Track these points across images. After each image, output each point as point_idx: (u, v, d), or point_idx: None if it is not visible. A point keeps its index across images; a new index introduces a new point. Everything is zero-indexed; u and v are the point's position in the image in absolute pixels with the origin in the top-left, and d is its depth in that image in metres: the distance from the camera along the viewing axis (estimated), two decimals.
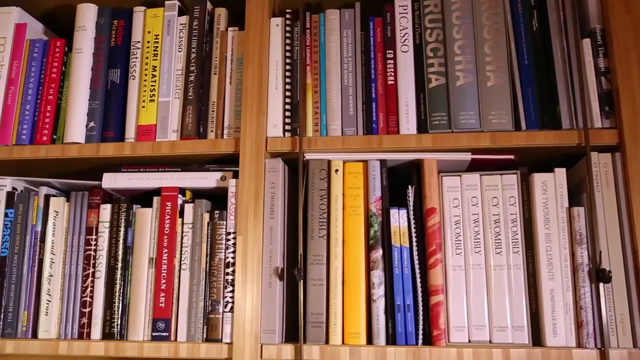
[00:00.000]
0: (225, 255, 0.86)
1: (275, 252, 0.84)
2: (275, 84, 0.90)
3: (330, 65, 0.90)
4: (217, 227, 0.86)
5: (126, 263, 0.89)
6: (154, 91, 0.94)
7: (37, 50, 0.99)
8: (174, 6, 0.97)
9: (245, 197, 0.86)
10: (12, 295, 0.90)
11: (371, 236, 0.83)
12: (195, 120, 0.92)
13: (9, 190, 0.94)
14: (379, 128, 0.87)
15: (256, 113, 0.89)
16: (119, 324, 0.87)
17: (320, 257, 0.84)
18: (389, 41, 0.90)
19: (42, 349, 0.87)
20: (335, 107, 0.89)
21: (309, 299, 0.83)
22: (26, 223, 0.93)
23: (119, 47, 0.97)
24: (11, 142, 0.96)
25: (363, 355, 0.79)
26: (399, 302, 0.81)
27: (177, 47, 0.95)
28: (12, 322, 0.89)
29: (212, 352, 0.83)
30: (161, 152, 0.91)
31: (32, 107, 0.97)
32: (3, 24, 1.00)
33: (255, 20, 0.92)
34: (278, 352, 0.81)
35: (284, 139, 0.88)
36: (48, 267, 0.91)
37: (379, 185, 0.85)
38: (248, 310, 0.82)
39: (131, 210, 0.90)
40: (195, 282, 0.86)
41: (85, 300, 0.89)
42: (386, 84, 0.89)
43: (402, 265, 0.82)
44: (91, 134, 0.94)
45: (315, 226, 0.85)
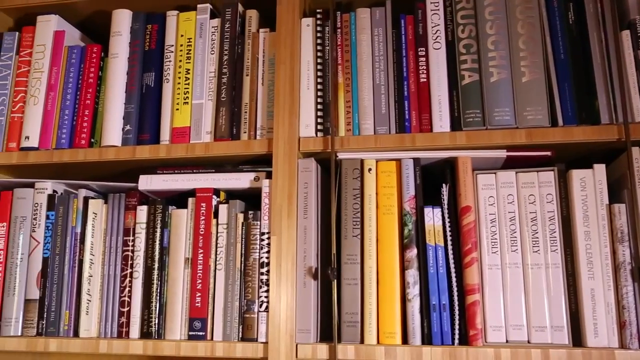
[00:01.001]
0: (260, 255, 0.86)
1: (309, 252, 0.84)
2: (307, 84, 0.91)
3: (362, 64, 0.90)
4: (251, 227, 0.87)
5: (163, 263, 0.90)
6: (187, 94, 0.95)
7: (74, 56, 1.01)
8: (205, 9, 0.98)
9: (279, 197, 0.86)
10: (55, 295, 0.92)
11: (405, 235, 0.83)
12: (229, 121, 0.93)
13: (49, 193, 0.97)
14: (412, 126, 0.87)
15: (288, 113, 0.89)
16: (157, 324, 0.89)
17: (354, 257, 0.83)
18: (421, 38, 0.89)
19: (83, 347, 0.89)
20: (368, 106, 0.88)
21: (344, 299, 0.83)
22: (66, 225, 0.95)
23: (153, 51, 0.99)
24: (51, 146, 0.99)
25: (399, 355, 0.78)
26: (435, 301, 0.80)
27: (210, 49, 0.97)
28: (55, 321, 0.92)
29: (248, 351, 0.83)
30: (195, 154, 0.92)
31: (70, 112, 0.99)
32: (43, 32, 1.03)
33: (286, 21, 0.93)
34: (313, 351, 0.81)
35: (316, 138, 0.89)
36: (88, 268, 0.93)
37: (413, 183, 0.85)
38: (283, 310, 0.83)
39: (167, 211, 0.92)
40: (231, 282, 0.87)
41: (124, 300, 0.91)
42: (418, 81, 0.88)
43: (437, 265, 0.81)
44: (127, 137, 0.96)
45: (348, 226, 0.84)
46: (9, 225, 0.96)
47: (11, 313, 0.93)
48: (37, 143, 0.99)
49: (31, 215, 0.96)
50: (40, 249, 0.95)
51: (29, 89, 1.01)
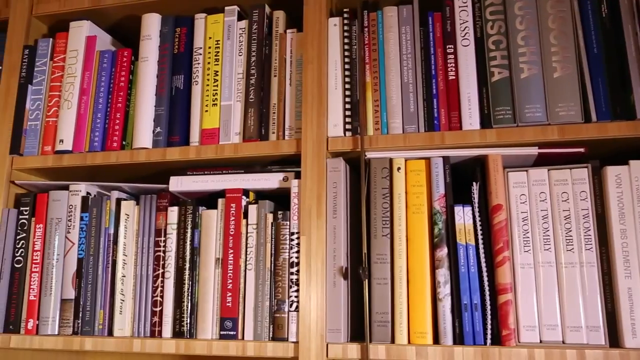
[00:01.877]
0: (290, 255, 0.87)
1: (339, 252, 0.84)
2: (334, 84, 0.91)
3: (390, 63, 0.89)
4: (281, 227, 0.87)
5: (194, 264, 0.91)
6: (216, 95, 0.96)
7: (106, 60, 1.03)
8: (233, 11, 0.99)
9: (308, 197, 0.86)
10: (89, 295, 0.94)
11: (435, 234, 0.82)
12: (257, 122, 0.93)
13: (83, 195, 0.99)
14: (441, 124, 0.86)
15: (316, 113, 0.89)
16: (188, 323, 0.90)
17: (384, 256, 0.83)
18: (449, 36, 0.88)
19: (117, 346, 0.91)
20: (396, 105, 0.88)
21: (374, 298, 0.82)
22: (100, 226, 0.97)
23: (182, 53, 1.00)
24: (85, 149, 1.01)
25: (430, 355, 0.78)
26: (466, 301, 0.79)
27: (238, 51, 0.97)
28: (90, 320, 0.94)
29: (279, 350, 0.84)
30: (224, 155, 0.93)
31: (102, 115, 1.01)
32: (75, 38, 1.05)
33: (313, 21, 0.93)
34: (344, 351, 0.81)
35: (344, 138, 0.89)
36: (121, 268, 0.94)
37: (442, 182, 0.84)
38: (313, 310, 0.83)
39: (197, 212, 0.93)
40: (261, 282, 0.87)
41: (156, 299, 0.92)
42: (447, 79, 0.87)
43: (468, 264, 0.81)
44: (158, 139, 0.98)
45: (378, 225, 0.84)
46: (45, 226, 0.99)
47: (48, 312, 0.95)
48: (71, 146, 1.01)
49: (66, 217, 0.99)
50: (75, 250, 0.97)
51: (63, 94, 1.03)
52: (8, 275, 0.99)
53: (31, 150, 1.03)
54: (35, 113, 1.05)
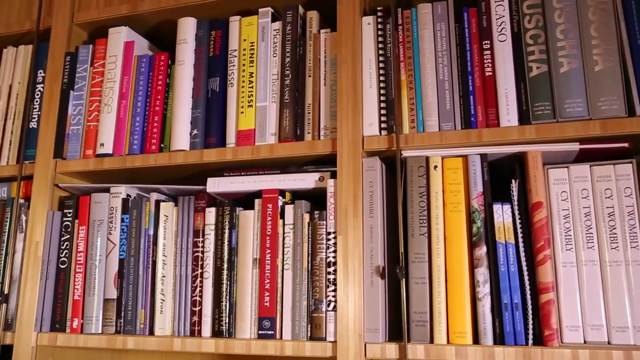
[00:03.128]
0: (327, 255, 0.87)
1: (376, 251, 0.84)
2: (369, 83, 0.90)
3: (425, 60, 0.89)
4: (318, 227, 0.88)
5: (232, 264, 0.92)
6: (251, 97, 0.97)
7: (144, 65, 1.05)
8: (267, 13, 1.00)
9: (344, 196, 0.86)
10: (131, 295, 0.96)
11: (474, 233, 0.81)
12: (292, 122, 0.94)
13: (124, 197, 1.01)
14: (478, 121, 0.85)
15: (352, 113, 0.89)
16: (227, 322, 0.91)
17: (422, 255, 0.82)
18: (485, 31, 0.87)
19: (158, 345, 0.92)
20: (432, 103, 0.87)
21: (412, 298, 0.82)
22: (140, 227, 0.99)
23: (217, 56, 1.01)
24: (124, 152, 1.03)
25: (470, 355, 0.77)
26: (506, 300, 0.78)
27: (272, 52, 0.98)
28: (132, 320, 0.96)
29: (317, 350, 0.84)
30: (260, 156, 0.94)
31: (141, 119, 1.03)
32: (114, 43, 1.07)
33: (346, 20, 0.93)
34: (382, 351, 0.81)
35: (380, 137, 0.88)
36: (161, 268, 0.96)
37: (480, 180, 0.83)
38: (351, 309, 0.83)
39: (234, 212, 0.94)
40: (298, 282, 0.88)
41: (195, 299, 0.93)
42: (484, 75, 0.86)
43: (508, 263, 0.79)
44: (195, 141, 0.99)
45: (415, 224, 0.84)
46: (88, 228, 1.01)
47: (92, 312, 0.97)
48: (111, 149, 1.03)
49: (107, 219, 1.01)
50: (116, 251, 0.99)
51: (103, 98, 1.06)
52: (54, 276, 1.02)
53: (73, 154, 1.06)
54: (77, 118, 1.07)
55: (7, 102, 1.14)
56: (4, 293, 1.03)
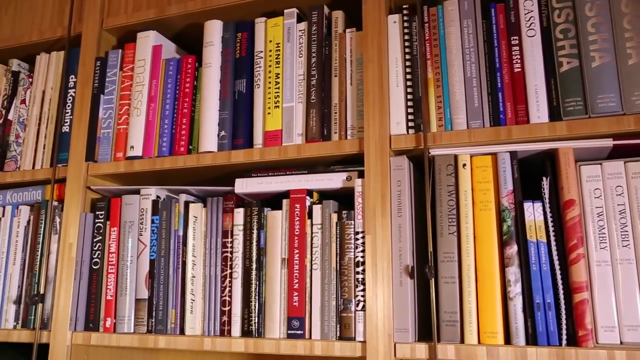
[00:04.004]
0: (355, 255, 0.87)
1: (405, 250, 0.84)
2: (396, 82, 0.90)
3: (452, 58, 0.88)
4: (346, 226, 0.88)
5: (260, 264, 0.93)
6: (278, 97, 0.98)
7: (171, 68, 1.07)
8: (292, 14, 1.00)
9: (372, 196, 0.86)
10: (162, 295, 0.98)
11: (504, 231, 0.80)
12: (319, 122, 0.94)
13: (153, 198, 1.03)
14: (507, 118, 0.84)
15: (378, 112, 0.89)
16: (256, 322, 0.91)
17: (451, 254, 0.82)
18: (513, 27, 0.86)
19: (189, 344, 0.93)
20: (459, 100, 0.86)
21: (442, 297, 0.81)
22: (169, 228, 1.00)
23: (244, 58, 1.02)
24: (154, 154, 1.04)
25: (502, 356, 0.76)
26: (538, 300, 0.77)
27: (298, 53, 0.98)
28: (163, 319, 0.97)
29: (346, 350, 0.84)
30: (288, 156, 0.94)
31: (169, 121, 1.05)
32: (142, 47, 1.09)
33: (372, 19, 0.92)
34: (412, 351, 0.80)
35: (407, 136, 0.88)
36: (190, 269, 0.97)
37: (510, 178, 0.81)
38: (380, 309, 0.83)
39: (262, 213, 0.94)
40: (327, 282, 0.88)
41: (225, 299, 0.94)
42: (512, 72, 0.85)
43: (539, 262, 0.78)
44: (223, 143, 1.00)
45: (444, 223, 0.83)
46: (119, 229, 1.03)
47: (124, 311, 0.99)
48: (141, 152, 1.05)
49: (138, 220, 1.02)
50: (147, 252, 1.01)
51: (132, 102, 1.08)
52: (87, 276, 1.04)
53: (104, 157, 1.08)
54: (108, 121, 1.09)
55: (40, 107, 1.17)
56: (40, 293, 1.06)
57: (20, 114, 1.19)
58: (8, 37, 1.26)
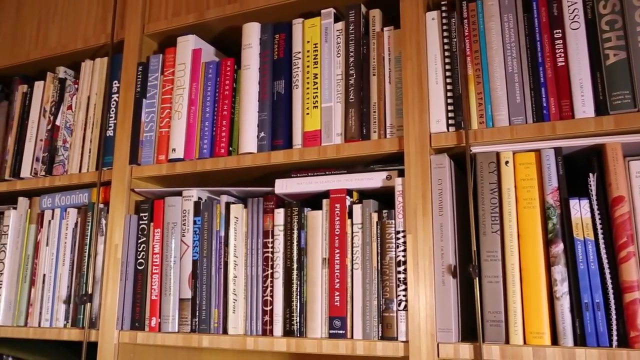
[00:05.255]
0: (396, 254, 0.86)
1: (447, 250, 0.83)
2: (435, 79, 0.89)
3: (492, 53, 0.86)
4: (386, 226, 0.87)
5: (301, 264, 0.93)
6: (316, 98, 0.98)
7: (211, 71, 1.08)
8: (329, 14, 1.00)
9: (413, 195, 0.85)
10: (204, 295, 0.99)
11: (549, 229, 0.78)
12: (358, 122, 0.94)
13: (195, 200, 1.04)
14: (551, 114, 0.82)
15: (418, 110, 0.88)
16: (298, 322, 0.92)
17: (495, 253, 0.80)
18: (556, 20, 0.84)
19: (232, 343, 0.95)
20: (501, 96, 0.85)
21: (485, 297, 0.80)
22: (211, 229, 1.02)
23: (282, 59, 1.03)
24: (195, 156, 1.06)
25: (549, 357, 0.74)
26: (587, 299, 0.75)
27: (336, 52, 0.98)
28: (206, 319, 0.98)
29: (389, 350, 0.83)
30: (327, 156, 0.94)
31: (210, 123, 1.06)
32: (182, 51, 1.11)
33: (410, 17, 0.92)
34: (455, 351, 0.79)
35: (448, 133, 0.87)
36: (232, 269, 0.99)
37: (555, 174, 0.80)
38: (422, 309, 0.82)
39: (302, 213, 0.95)
40: (368, 281, 0.87)
41: (266, 299, 0.95)
42: (555, 66, 0.83)
43: (587, 260, 0.76)
44: (262, 144, 1.01)
45: (487, 221, 0.81)
46: (163, 230, 1.05)
47: (168, 311, 1.01)
48: (182, 154, 1.07)
49: (180, 221, 1.04)
50: (190, 252, 1.02)
51: (173, 105, 1.10)
52: (132, 277, 1.06)
53: (147, 160, 1.11)
54: (150, 125, 1.12)
55: (86, 113, 1.21)
56: (88, 293, 1.09)
57: (67, 119, 1.23)
58: (55, 45, 1.30)
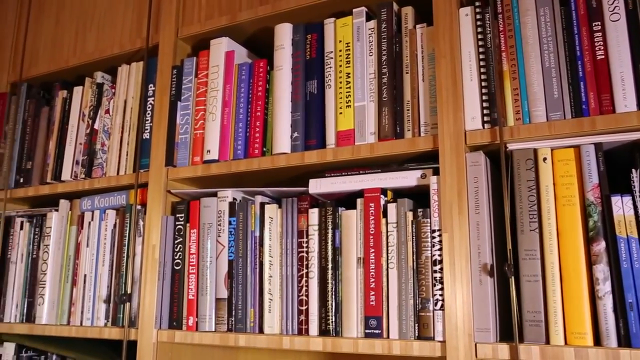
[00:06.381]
0: (432, 253, 0.85)
1: (484, 248, 0.81)
2: (469, 76, 0.88)
3: (528, 48, 0.85)
4: (422, 225, 0.86)
5: (336, 263, 0.93)
6: (349, 97, 0.98)
7: (244, 72, 1.09)
8: (361, 12, 1.00)
9: (448, 193, 0.84)
10: (241, 295, 1.00)
11: (590, 227, 0.76)
12: (392, 120, 0.93)
13: (230, 200, 1.06)
14: (590, 109, 0.80)
15: (452, 107, 0.87)
16: (334, 321, 0.92)
17: (533, 252, 0.79)
18: (595, 12, 0.82)
19: (268, 343, 0.95)
20: (538, 92, 0.83)
21: (524, 296, 0.78)
22: (246, 229, 1.03)
23: (314, 59, 1.03)
24: (229, 158, 1.07)
25: (591, 358, 0.72)
26: (631, 299, 0.73)
27: (368, 51, 0.98)
28: (242, 318, 0.99)
29: (425, 350, 0.83)
30: (361, 156, 0.94)
31: (243, 125, 1.07)
32: (216, 54, 1.12)
33: (443, 13, 0.91)
34: (494, 351, 0.78)
35: (483, 131, 0.85)
36: (267, 269, 0.99)
37: (596, 171, 0.78)
38: (459, 308, 0.81)
39: (337, 212, 0.95)
40: (404, 281, 0.87)
41: (302, 298, 0.95)
42: (595, 59, 0.81)
43: (631, 259, 0.74)
44: (296, 144, 1.01)
45: (525, 219, 0.80)
46: (199, 231, 1.07)
47: (205, 310, 1.02)
48: (217, 155, 1.08)
49: (216, 222, 1.06)
50: (225, 252, 1.03)
51: (207, 107, 1.11)
52: (169, 277, 1.08)
53: (183, 162, 1.12)
54: (185, 127, 1.13)
55: (123, 116, 1.23)
56: (127, 293, 1.11)
57: (105, 123, 1.26)
58: (92, 51, 1.33)
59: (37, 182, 1.33)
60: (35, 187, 1.32)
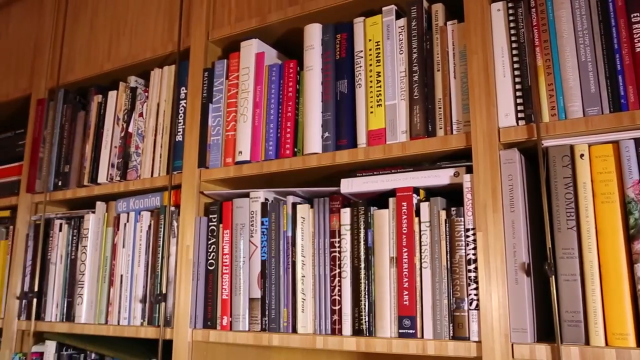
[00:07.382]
0: (466, 252, 0.84)
1: (520, 247, 0.80)
2: (502, 72, 0.86)
3: (563, 42, 0.83)
4: (455, 224, 0.85)
5: (369, 263, 0.93)
6: (380, 96, 0.97)
7: (274, 73, 1.10)
8: (391, 11, 0.99)
9: (482, 191, 0.83)
10: (274, 294, 1.01)
11: (631, 225, 0.74)
12: (423, 119, 0.92)
13: (262, 201, 1.06)
14: (630, 103, 0.78)
15: (485, 104, 0.86)
16: (367, 321, 0.91)
17: (571, 251, 0.77)
18: (633, 3, 0.79)
19: (301, 342, 0.95)
20: (573, 87, 0.81)
21: (562, 296, 0.77)
22: (279, 229, 1.03)
23: (344, 59, 1.03)
24: (261, 158, 1.08)
25: (634, 359, 0.70)
26: None
27: (398, 50, 0.97)
28: (275, 318, 1.00)
29: (460, 350, 0.82)
30: (392, 154, 0.94)
31: (274, 125, 1.08)
32: (246, 56, 1.13)
33: (474, 9, 0.90)
34: (531, 352, 0.77)
35: (517, 127, 0.84)
36: (300, 269, 0.99)
37: (636, 167, 0.75)
38: (495, 308, 0.80)
39: (369, 212, 0.94)
40: (438, 280, 0.86)
41: (335, 298, 0.95)
42: (634, 52, 0.78)
43: None
44: (327, 144, 1.01)
45: (562, 217, 0.78)
46: (232, 231, 1.08)
47: (239, 310, 1.03)
48: (248, 156, 1.09)
49: (248, 222, 1.06)
50: (258, 253, 1.04)
51: (239, 109, 1.12)
52: (203, 277, 1.09)
53: (215, 163, 1.13)
54: (217, 129, 1.15)
55: (156, 119, 1.25)
56: (163, 293, 1.13)
57: (139, 126, 1.28)
58: (126, 56, 1.36)
59: (75, 185, 1.36)
60: (73, 189, 1.36)
